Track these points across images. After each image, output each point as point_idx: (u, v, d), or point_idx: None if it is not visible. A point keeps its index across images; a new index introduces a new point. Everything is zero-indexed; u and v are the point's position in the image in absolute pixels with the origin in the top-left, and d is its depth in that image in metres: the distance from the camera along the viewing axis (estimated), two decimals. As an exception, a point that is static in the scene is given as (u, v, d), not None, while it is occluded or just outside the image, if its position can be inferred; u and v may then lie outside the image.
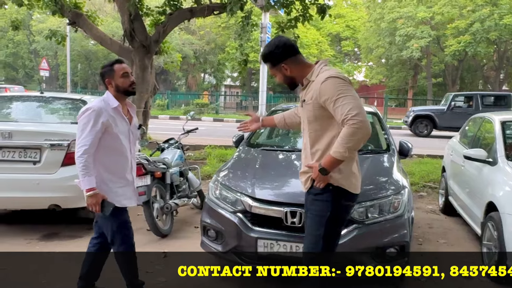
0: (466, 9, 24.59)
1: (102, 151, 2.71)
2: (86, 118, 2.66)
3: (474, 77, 32.43)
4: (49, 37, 9.64)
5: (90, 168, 2.63)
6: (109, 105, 2.74)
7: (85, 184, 2.63)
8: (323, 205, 2.43)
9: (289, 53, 2.45)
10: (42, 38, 25.08)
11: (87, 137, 2.63)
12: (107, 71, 2.80)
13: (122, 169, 2.83)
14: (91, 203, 2.64)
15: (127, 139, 2.84)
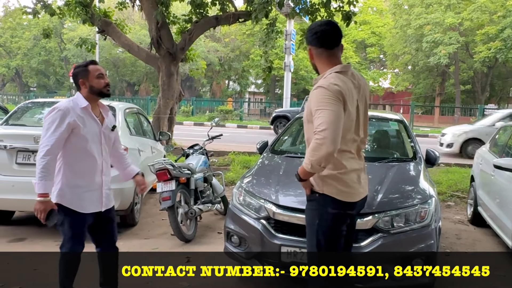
0: (496, 14, 24.00)
1: (68, 153, 2.61)
2: (52, 117, 2.54)
3: (505, 84, 31.53)
4: (79, 45, 9.95)
5: (49, 172, 2.50)
6: (78, 105, 2.64)
7: (39, 187, 2.47)
8: (311, 214, 2.41)
9: (319, 42, 2.35)
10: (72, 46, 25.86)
11: (50, 137, 2.51)
12: (80, 72, 2.69)
13: (89, 172, 2.70)
14: (39, 209, 2.48)
15: (97, 140, 2.71)
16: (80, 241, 2.74)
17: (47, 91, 38.69)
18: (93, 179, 2.72)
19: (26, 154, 4.41)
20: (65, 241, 2.71)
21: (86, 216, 2.71)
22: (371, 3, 37.53)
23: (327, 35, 2.34)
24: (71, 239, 2.69)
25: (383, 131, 4.82)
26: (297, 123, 5.10)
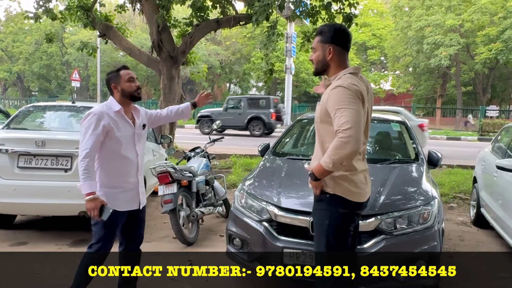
0: (497, 16, 24.00)
1: (104, 155, 2.72)
2: (88, 122, 2.67)
3: (506, 85, 31.47)
4: (80, 48, 9.98)
5: (91, 172, 2.62)
6: (111, 109, 2.76)
7: (85, 188, 2.60)
8: (321, 214, 2.41)
9: (342, 43, 2.40)
10: (74, 50, 25.94)
11: (88, 140, 2.63)
12: (113, 77, 2.83)
13: (124, 173, 2.81)
14: (90, 208, 2.60)
15: (131, 142, 2.82)
16: (110, 243, 2.83)
17: (48, 95, 38.78)
18: (128, 179, 2.83)
19: (27, 158, 4.41)
20: (95, 241, 2.79)
21: (120, 215, 2.80)
22: (372, 5, 37.61)
23: (349, 38, 2.44)
24: (102, 239, 2.78)
25: (385, 132, 4.80)
26: (299, 125, 5.10)
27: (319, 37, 2.42)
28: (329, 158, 2.19)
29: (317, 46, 2.43)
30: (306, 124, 5.22)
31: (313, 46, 2.48)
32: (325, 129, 2.36)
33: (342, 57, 2.41)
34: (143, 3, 8.98)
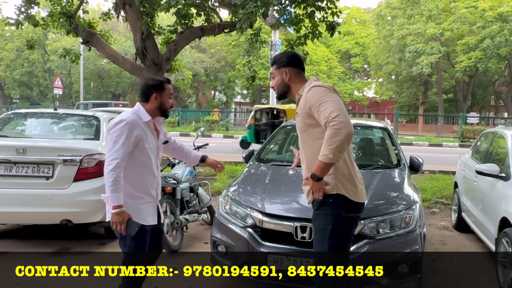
0: (476, 25, 24.61)
1: (131, 166, 2.59)
2: (120, 130, 2.52)
3: (486, 92, 32.23)
4: (63, 55, 9.85)
5: (119, 184, 2.49)
6: (141, 118, 2.63)
7: (113, 200, 2.47)
8: (324, 219, 2.43)
9: (294, 63, 2.60)
10: (56, 57, 25.65)
11: (119, 150, 2.49)
12: (157, 86, 2.69)
13: (148, 185, 2.71)
14: (117, 221, 2.47)
15: (155, 154, 2.73)
16: (144, 255, 2.70)
17: (30, 102, 38.18)
18: (150, 191, 2.72)
19: (7, 166, 4.33)
20: (129, 255, 2.65)
21: (148, 229, 2.67)
22: (355, 14, 38.19)
23: (302, 60, 2.67)
24: (136, 251, 2.64)
25: (367, 138, 4.87)
26: (283, 131, 5.13)
27: (274, 65, 2.64)
28: (327, 150, 2.24)
29: (275, 72, 2.63)
30: (290, 131, 5.26)
31: (271, 73, 2.67)
32: (313, 134, 2.44)
33: (300, 76, 2.61)
34: (127, 10, 8.93)
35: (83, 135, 5.04)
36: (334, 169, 2.38)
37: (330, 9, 8.31)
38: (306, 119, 2.44)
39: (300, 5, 8.40)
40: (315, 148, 2.39)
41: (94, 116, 5.27)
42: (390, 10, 29.43)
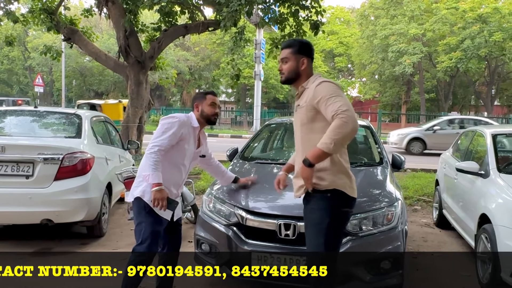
0: (456, 26, 25.05)
1: (166, 159, 2.82)
2: (170, 124, 2.82)
3: (467, 92, 32.85)
4: (43, 52, 9.69)
5: (160, 165, 2.74)
6: (191, 123, 2.94)
7: (153, 178, 2.70)
8: (321, 213, 2.43)
9: (311, 54, 2.60)
10: (37, 54, 25.17)
11: (165, 139, 2.77)
12: (199, 97, 3.06)
13: (172, 181, 2.91)
14: (158, 197, 2.69)
15: (189, 159, 2.99)
16: (157, 242, 2.85)
17: (10, 101, 37.35)
18: (172, 189, 2.93)
19: (-13, 164, 4.23)
20: (142, 240, 2.77)
21: (163, 219, 2.86)
22: (339, 14, 38.47)
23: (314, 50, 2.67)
24: (149, 237, 2.77)
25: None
26: (267, 130, 5.14)
27: (291, 49, 2.56)
28: (329, 139, 2.22)
29: (290, 57, 2.56)
30: (275, 129, 5.27)
31: (285, 57, 2.57)
32: (314, 128, 2.43)
33: (311, 67, 2.60)
34: (110, 7, 8.83)
35: (65, 133, 4.96)
36: (332, 165, 2.40)
37: (314, 8, 8.37)
38: (310, 112, 2.43)
39: (284, 3, 8.43)
40: (313, 141, 2.36)
41: (75, 114, 5.20)
42: (373, 10, 29.73)
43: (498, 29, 23.42)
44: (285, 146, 5.14)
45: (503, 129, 5.58)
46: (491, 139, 4.44)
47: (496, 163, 4.11)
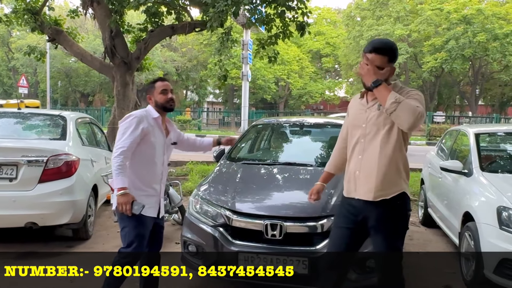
0: (441, 27, 25.40)
1: (136, 158, 2.82)
2: (128, 123, 2.80)
3: (451, 92, 33.31)
4: (28, 53, 9.55)
5: (124, 169, 2.72)
6: (150, 115, 2.90)
7: (117, 182, 2.70)
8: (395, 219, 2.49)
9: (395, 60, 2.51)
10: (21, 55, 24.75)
11: (126, 140, 2.75)
12: (149, 88, 3.00)
13: (151, 178, 2.91)
14: (122, 202, 2.67)
15: (161, 150, 2.95)
16: (143, 243, 2.83)
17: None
18: (153, 185, 2.92)
19: (-32, 167, 4.16)
20: (128, 244, 2.79)
21: (148, 219, 2.85)
22: (325, 14, 38.66)
23: None
24: (135, 240, 2.78)
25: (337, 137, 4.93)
26: (254, 130, 5.14)
27: (387, 57, 2.42)
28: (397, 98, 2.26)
29: (385, 66, 2.42)
30: (262, 130, 5.28)
31: (380, 66, 2.40)
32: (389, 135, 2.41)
33: None
34: (95, 7, 8.74)
35: (49, 135, 4.90)
36: (398, 172, 2.43)
37: (300, 9, 8.39)
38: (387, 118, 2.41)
39: (270, 4, 8.44)
40: (390, 148, 2.41)
41: (60, 115, 5.14)
42: (359, 11, 29.98)
43: (481, 30, 23.83)
44: (272, 147, 5.15)
45: (486, 128, 5.68)
46: (474, 138, 4.51)
47: (479, 162, 4.18)
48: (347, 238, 2.57)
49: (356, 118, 2.58)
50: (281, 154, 4.78)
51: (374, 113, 2.47)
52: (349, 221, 2.56)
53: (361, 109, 2.55)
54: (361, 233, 2.55)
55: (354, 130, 2.57)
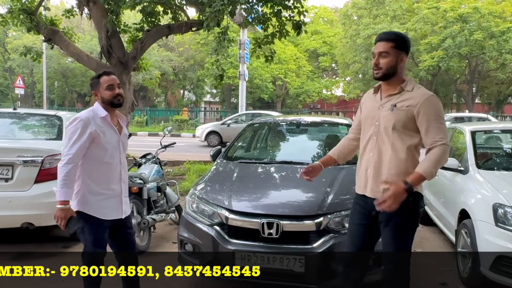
0: (437, 25, 25.44)
1: (89, 162, 2.67)
2: (74, 128, 2.62)
3: (448, 90, 33.37)
4: (24, 54, 9.52)
5: (71, 180, 2.56)
6: (98, 114, 2.71)
7: (60, 194, 2.54)
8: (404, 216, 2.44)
9: (408, 50, 2.48)
10: (17, 55, 24.72)
11: (73, 146, 2.58)
12: (93, 83, 2.79)
13: (108, 180, 2.76)
14: (59, 216, 2.53)
15: (116, 149, 2.79)
16: (102, 246, 2.76)
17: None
18: (112, 186, 2.78)
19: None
20: (87, 248, 2.74)
21: (106, 222, 2.75)
22: (322, 13, 38.67)
23: None
24: (93, 244, 2.72)
25: (334, 135, 4.95)
26: (250, 129, 5.14)
27: (392, 43, 2.42)
28: (434, 169, 2.27)
29: (391, 51, 2.41)
30: (258, 129, 5.29)
31: (384, 51, 2.42)
32: (400, 136, 2.40)
33: (404, 66, 2.52)
34: (91, 7, 8.71)
35: (45, 135, 4.89)
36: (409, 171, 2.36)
37: (297, 8, 8.39)
38: (408, 119, 2.37)
39: (267, 3, 8.44)
40: (401, 151, 2.39)
41: (56, 115, 5.12)
42: (356, 10, 30.00)
43: (478, 28, 23.88)
44: (268, 146, 5.16)
45: (482, 126, 5.69)
46: (470, 136, 4.53)
47: (475, 160, 4.20)
48: (363, 235, 2.57)
49: (369, 114, 2.56)
50: (278, 153, 4.78)
51: (387, 113, 2.45)
52: (363, 217, 2.56)
53: (374, 105, 2.54)
54: (376, 229, 2.53)
55: (367, 126, 2.55)
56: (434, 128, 2.32)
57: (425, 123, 2.34)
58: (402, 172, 2.39)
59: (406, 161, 2.41)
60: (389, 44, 2.42)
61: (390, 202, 2.23)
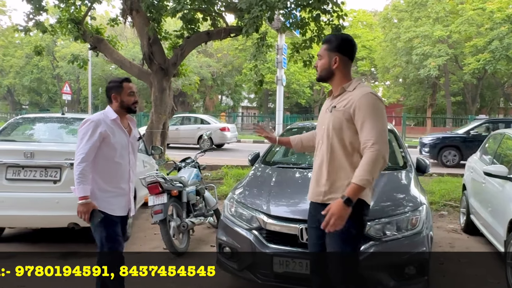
0: (483, 27, 24.44)
1: (99, 161, 2.79)
2: (85, 128, 2.77)
3: (495, 94, 31.96)
4: (71, 61, 9.98)
5: (86, 177, 2.71)
6: (108, 117, 2.86)
7: (79, 191, 2.69)
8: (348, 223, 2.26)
9: (346, 51, 2.42)
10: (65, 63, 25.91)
11: (85, 146, 2.73)
12: (115, 87, 2.91)
13: (117, 178, 2.89)
14: (82, 211, 2.69)
15: (126, 150, 2.92)
16: (117, 241, 2.87)
17: (39, 108, 38.53)
18: (120, 185, 2.91)
19: (16, 170, 4.38)
20: (102, 244, 2.83)
21: (115, 218, 2.87)
22: (361, 17, 38.12)
23: (355, 48, 2.47)
24: (107, 239, 2.82)
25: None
26: (289, 134, 5.12)
27: (326, 45, 2.43)
28: (369, 175, 2.15)
29: (323, 53, 2.43)
30: (296, 133, 5.24)
31: (319, 54, 2.47)
32: (342, 136, 2.32)
33: (348, 68, 2.44)
34: (134, 16, 9.03)
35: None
36: (349, 175, 2.27)
37: (336, 12, 8.32)
38: (345, 120, 2.31)
39: (305, 8, 8.42)
40: (343, 152, 2.31)
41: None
42: (396, 13, 29.35)
43: (527, 29, 22.76)
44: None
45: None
46: (520, 142, 4.30)
47: (526, 167, 3.98)
48: (317, 238, 2.46)
49: (320, 119, 2.54)
50: (316, 158, 4.73)
51: (327, 115, 2.42)
52: (314, 220, 2.48)
53: (323, 109, 2.52)
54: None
55: (318, 131, 2.54)
56: (367, 128, 2.22)
57: (360, 121, 2.25)
58: (342, 176, 2.32)
59: (345, 163, 2.32)
60: (323, 47, 2.45)
61: (333, 221, 2.17)
